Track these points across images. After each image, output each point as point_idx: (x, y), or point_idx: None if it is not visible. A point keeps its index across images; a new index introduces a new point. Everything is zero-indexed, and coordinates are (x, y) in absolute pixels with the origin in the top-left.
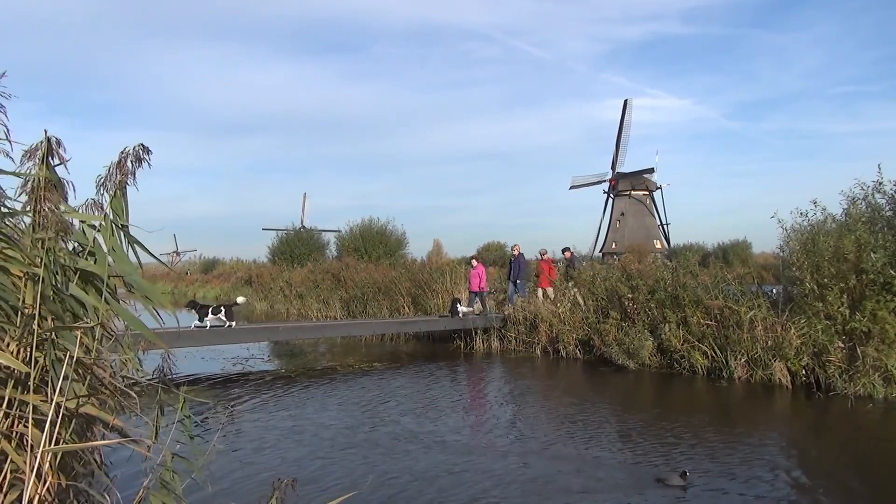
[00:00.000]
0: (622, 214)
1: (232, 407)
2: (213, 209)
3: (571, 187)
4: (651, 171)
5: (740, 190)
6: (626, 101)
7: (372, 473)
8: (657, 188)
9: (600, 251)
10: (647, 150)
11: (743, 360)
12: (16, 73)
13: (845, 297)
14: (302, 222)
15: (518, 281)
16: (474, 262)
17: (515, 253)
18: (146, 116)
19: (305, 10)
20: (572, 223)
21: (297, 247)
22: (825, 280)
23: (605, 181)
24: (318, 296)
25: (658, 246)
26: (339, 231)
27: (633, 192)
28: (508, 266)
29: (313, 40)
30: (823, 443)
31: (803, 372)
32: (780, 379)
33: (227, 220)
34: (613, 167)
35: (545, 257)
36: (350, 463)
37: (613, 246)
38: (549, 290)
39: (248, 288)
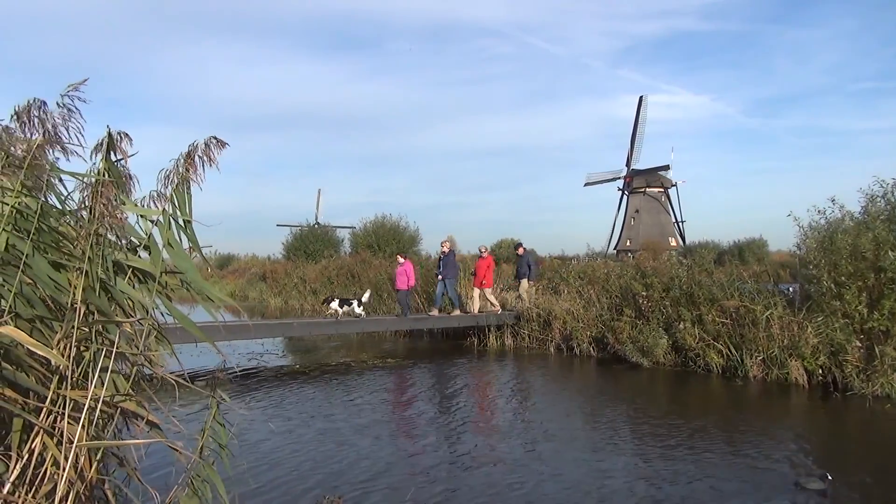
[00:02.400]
0: (637, 212)
1: (247, 403)
2: (227, 205)
3: (586, 184)
4: (666, 167)
5: (757, 187)
6: (640, 97)
7: (395, 475)
8: (672, 185)
9: (615, 248)
10: (663, 146)
11: (759, 358)
12: (31, 70)
13: (863, 295)
14: (316, 218)
15: (447, 279)
16: (400, 259)
17: (445, 249)
18: (160, 112)
19: (321, 7)
20: (587, 220)
21: (311, 243)
22: (843, 278)
23: (619, 178)
24: (332, 292)
25: (673, 243)
26: (353, 227)
27: (647, 190)
28: (438, 264)
29: (328, 37)
30: (841, 443)
31: (820, 371)
32: (796, 378)
33: (242, 216)
34: (628, 164)
35: (484, 254)
36: (370, 461)
37: (628, 243)
38: (487, 291)
39: (263, 284)
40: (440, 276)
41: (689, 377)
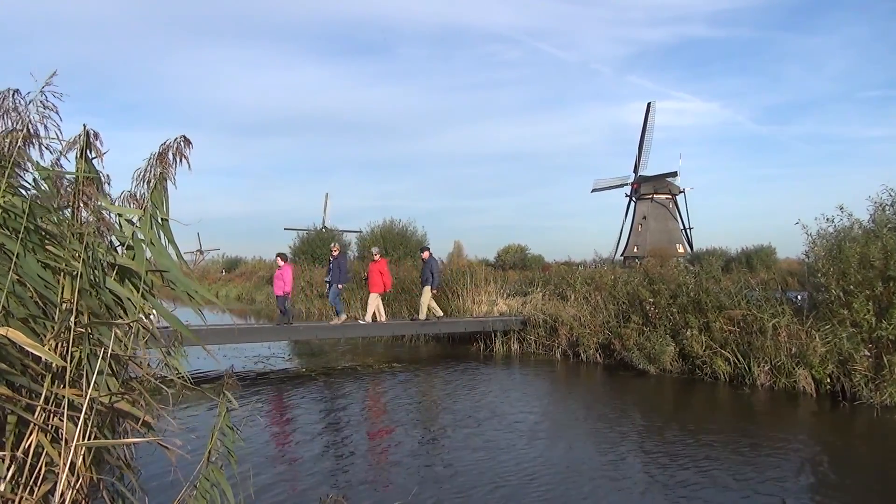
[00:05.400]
0: (644, 218)
1: (255, 405)
2: (235, 208)
3: (593, 190)
4: (674, 174)
5: (766, 195)
6: (649, 103)
7: (399, 476)
8: (680, 192)
9: (622, 255)
10: (672, 153)
11: (766, 367)
12: (45, 74)
13: (872, 304)
14: (323, 222)
15: (335, 285)
16: (280, 262)
17: (335, 252)
18: (170, 116)
19: (331, 12)
20: (594, 226)
21: (318, 247)
22: (851, 287)
23: (627, 184)
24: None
25: (680, 250)
26: (361, 231)
27: (655, 196)
28: (327, 268)
29: (339, 42)
30: (850, 453)
31: (828, 380)
32: (804, 387)
33: (250, 219)
34: (636, 170)
35: (377, 258)
36: (374, 463)
37: (635, 250)
38: (374, 296)
39: (270, 287)
40: (328, 282)
41: (695, 385)
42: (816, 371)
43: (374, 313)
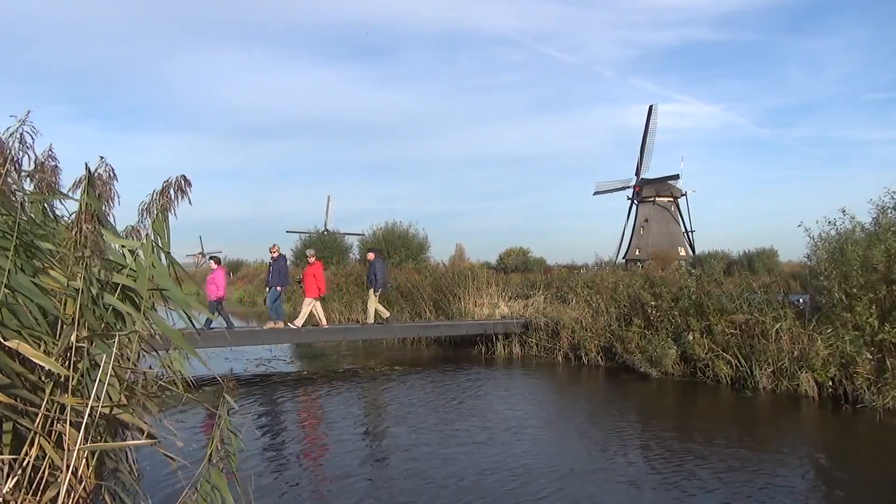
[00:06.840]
0: (646, 221)
1: (256, 408)
2: (237, 211)
3: (595, 193)
4: (676, 177)
5: (768, 197)
6: (650, 106)
7: (405, 482)
8: (682, 195)
9: (624, 258)
10: (674, 156)
11: (769, 370)
12: (54, 77)
13: (874, 307)
14: (325, 225)
15: (276, 287)
16: (213, 265)
17: (274, 254)
18: (175, 119)
19: (335, 15)
20: (596, 229)
21: (320, 249)
22: (854, 290)
23: (629, 187)
24: (340, 298)
25: (682, 253)
26: (363, 234)
27: (657, 199)
28: (268, 271)
29: (342, 45)
30: (852, 456)
31: (830, 383)
32: (806, 390)
33: (252, 222)
34: (638, 173)
35: (311, 260)
36: (380, 469)
37: (637, 252)
38: (308, 301)
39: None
40: (269, 286)
41: (697, 388)
42: (819, 374)
43: (308, 317)
